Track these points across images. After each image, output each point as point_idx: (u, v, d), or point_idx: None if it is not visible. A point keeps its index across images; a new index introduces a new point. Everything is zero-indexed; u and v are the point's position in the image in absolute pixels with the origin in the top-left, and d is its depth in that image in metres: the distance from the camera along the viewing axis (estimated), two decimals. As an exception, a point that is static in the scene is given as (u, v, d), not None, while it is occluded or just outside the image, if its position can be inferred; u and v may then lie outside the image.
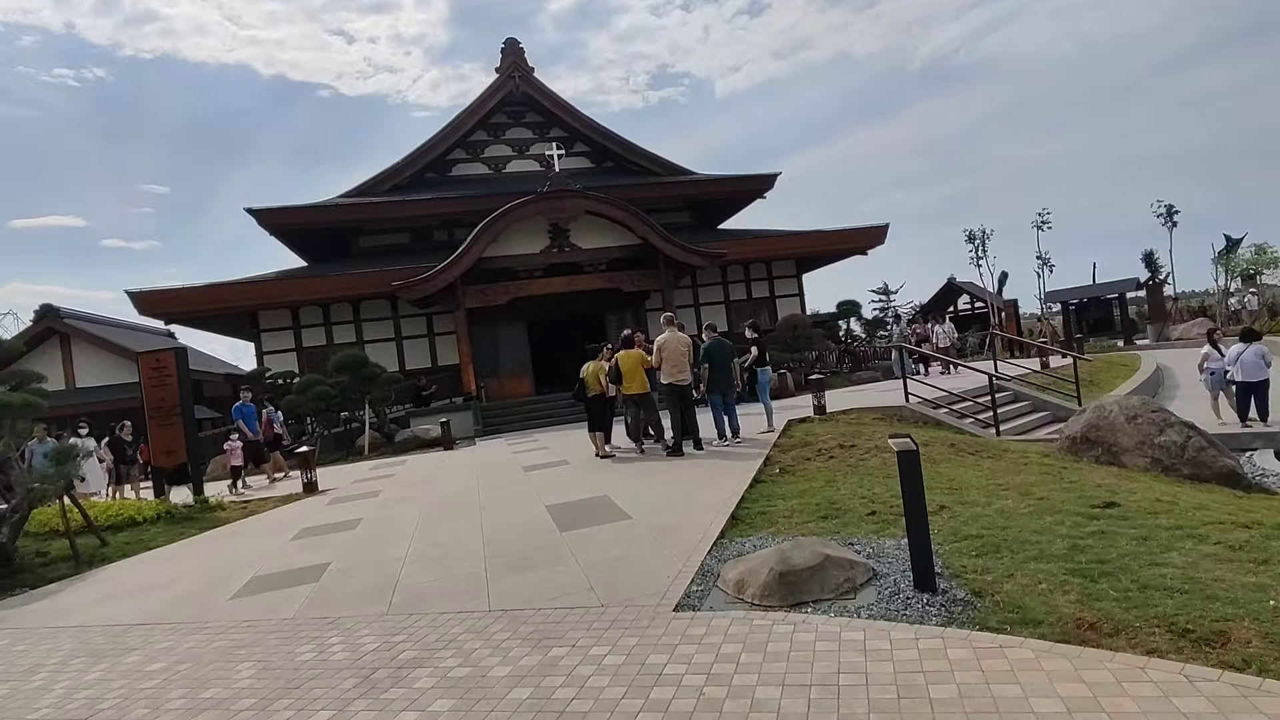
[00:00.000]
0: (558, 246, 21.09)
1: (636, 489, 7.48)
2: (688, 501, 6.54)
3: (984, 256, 29.92)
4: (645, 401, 9.95)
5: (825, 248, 25.74)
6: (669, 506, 6.45)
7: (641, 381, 9.85)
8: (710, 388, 9.80)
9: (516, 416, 18.85)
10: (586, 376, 10.17)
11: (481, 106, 27.09)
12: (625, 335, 10.15)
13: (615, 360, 9.98)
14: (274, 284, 21.75)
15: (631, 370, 9.80)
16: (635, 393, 9.86)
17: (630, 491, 7.35)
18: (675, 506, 6.42)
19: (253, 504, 10.21)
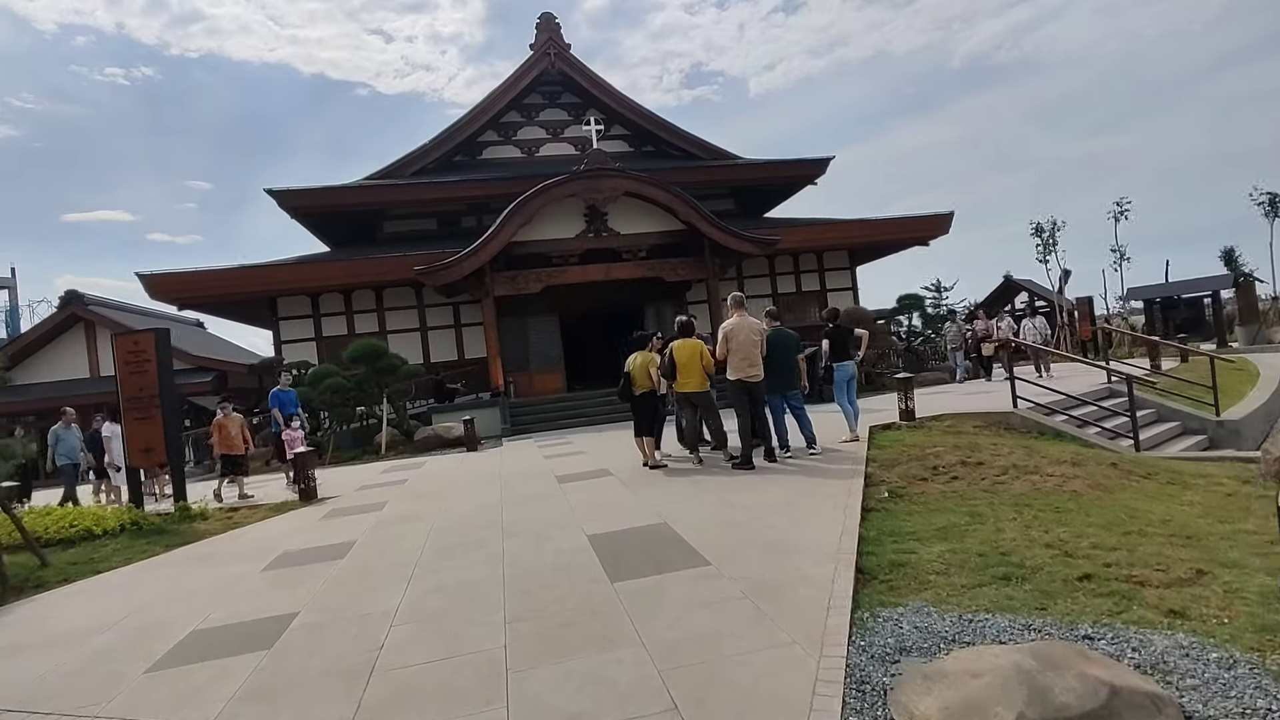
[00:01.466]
0: (594, 231, 19.43)
1: (704, 515, 5.76)
2: (782, 539, 4.80)
3: (1053, 250, 27.59)
4: (704, 401, 8.22)
5: (884, 237, 23.71)
6: (757, 546, 4.71)
7: (700, 377, 8.14)
8: (769, 387, 8.03)
9: (547, 415, 17.25)
10: (633, 370, 8.47)
11: (514, 85, 25.55)
12: (682, 321, 8.43)
13: (669, 351, 8.27)
14: (291, 268, 20.45)
15: (689, 363, 8.08)
16: (693, 391, 8.14)
17: (697, 519, 5.63)
18: (766, 546, 4.68)
19: (239, 513, 8.70)
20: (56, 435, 11.47)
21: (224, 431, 10.49)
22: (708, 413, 8.25)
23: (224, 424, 10.53)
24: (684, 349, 8.14)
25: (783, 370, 8.04)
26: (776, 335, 8.06)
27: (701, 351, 8.14)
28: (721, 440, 8.27)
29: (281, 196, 21.67)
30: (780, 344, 8.03)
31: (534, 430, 16.15)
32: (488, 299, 18.72)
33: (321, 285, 20.86)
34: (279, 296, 21.31)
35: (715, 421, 8.26)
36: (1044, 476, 5.92)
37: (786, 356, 8.09)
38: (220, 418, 10.59)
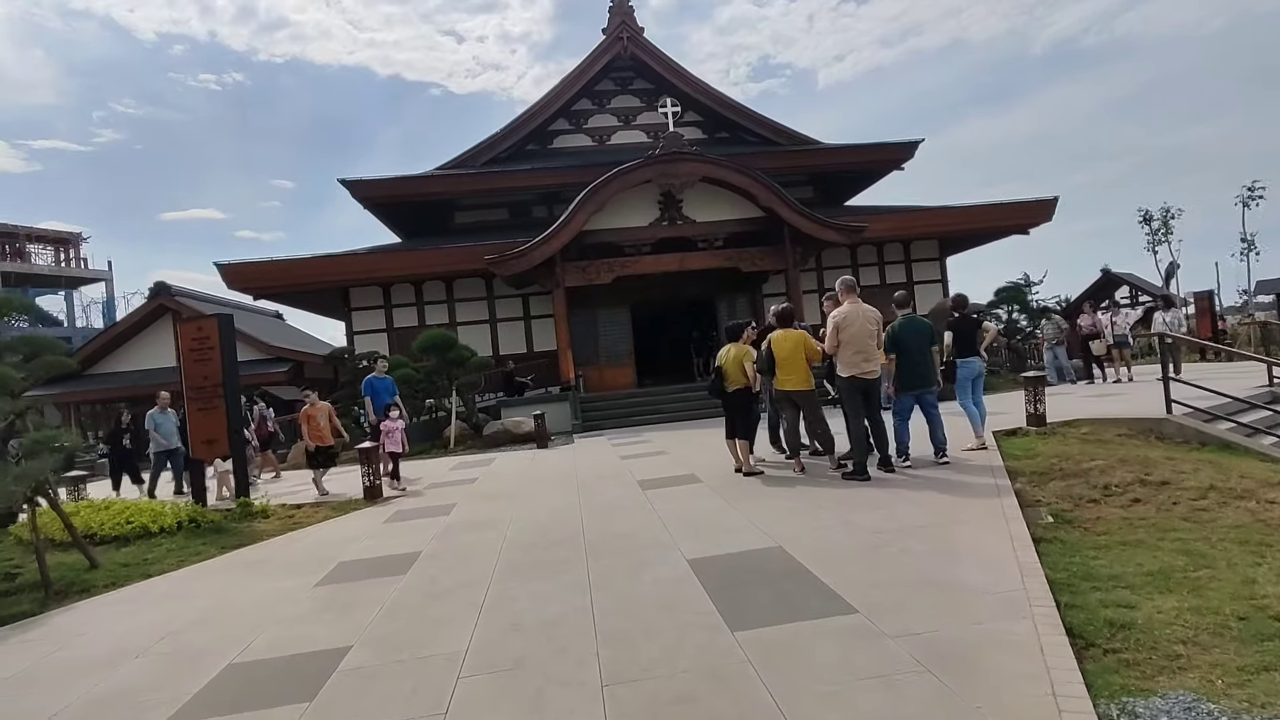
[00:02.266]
0: (668, 219, 18.53)
1: (827, 539, 4.78)
2: (942, 577, 3.79)
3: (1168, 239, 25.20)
4: (807, 400, 7.20)
5: (980, 225, 21.98)
6: (912, 586, 3.72)
7: (803, 373, 7.13)
8: (901, 383, 6.96)
9: (618, 411, 16.47)
10: (726, 364, 7.52)
11: (586, 71, 24.84)
12: (781, 310, 7.42)
13: (768, 343, 7.29)
14: (363, 259, 20.29)
15: (791, 357, 7.09)
16: (795, 388, 7.14)
17: (819, 543, 4.67)
18: (925, 587, 3.69)
19: (301, 512, 8.17)
20: (154, 420, 11.16)
21: (312, 421, 9.80)
22: (812, 414, 7.24)
23: (312, 413, 9.86)
24: (785, 341, 7.15)
25: (916, 365, 6.94)
26: (908, 325, 6.95)
27: (805, 343, 7.13)
28: (829, 445, 7.25)
29: (354, 186, 21.57)
30: (913, 334, 6.93)
31: (605, 427, 15.39)
32: (558, 289, 18.06)
33: (393, 276, 20.65)
34: (351, 287, 21.23)
35: (821, 424, 7.23)
36: (1263, 504, 4.70)
37: (921, 349, 6.98)
38: (308, 407, 9.93)
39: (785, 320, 7.30)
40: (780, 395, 7.31)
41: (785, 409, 7.35)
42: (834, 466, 7.15)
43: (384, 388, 10.92)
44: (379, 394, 10.74)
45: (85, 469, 25.64)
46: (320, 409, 9.99)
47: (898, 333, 6.87)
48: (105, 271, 49.05)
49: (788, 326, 7.27)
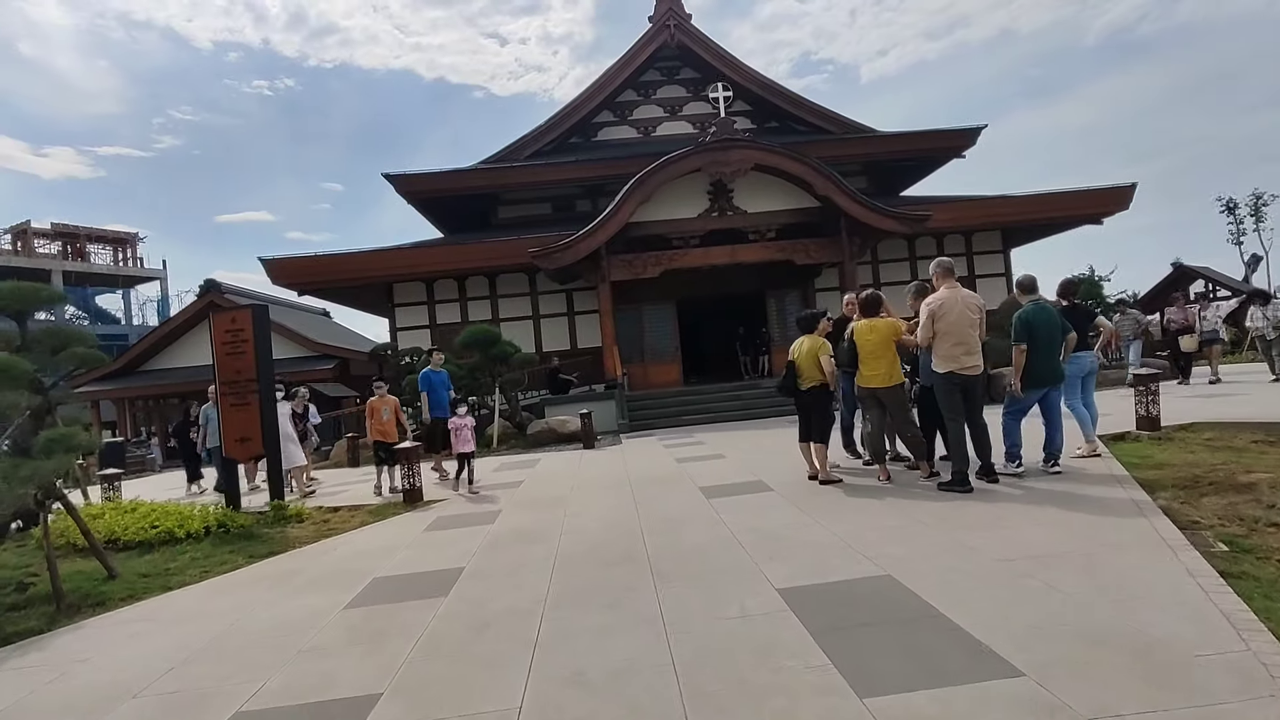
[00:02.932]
0: (718, 209, 17.74)
1: (944, 565, 3.98)
2: (1115, 625, 2.97)
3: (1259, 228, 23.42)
4: (895, 399, 6.36)
5: (1049, 214, 20.65)
6: (1081, 638, 2.90)
7: (892, 368, 6.30)
8: (1029, 379, 6.04)
9: (667, 410, 15.74)
10: (800, 359, 6.72)
11: (631, 61, 24.17)
12: (866, 296, 6.59)
13: (850, 334, 6.48)
14: (407, 253, 19.94)
15: (877, 350, 6.28)
16: (880, 386, 6.31)
17: (936, 573, 3.87)
18: (1095, 638, 2.87)
19: (337, 517, 7.63)
20: (206, 415, 10.88)
21: (375, 415, 9.20)
22: (900, 414, 6.39)
23: (377, 406, 9.29)
24: (870, 331, 6.33)
25: (1048, 357, 6.03)
26: (1040, 312, 6.01)
27: (896, 332, 6.30)
28: (921, 451, 6.40)
29: (398, 181, 21.29)
30: (1046, 322, 6.01)
31: (654, 426, 14.68)
32: (604, 283, 17.42)
33: (436, 270, 20.25)
34: (395, 283, 20.94)
35: (912, 426, 6.39)
36: None
37: (1053, 339, 6.07)
38: (374, 399, 9.36)
39: (870, 308, 6.47)
40: (864, 394, 6.48)
41: (869, 409, 6.52)
42: (926, 475, 6.31)
43: (440, 382, 10.38)
44: (436, 389, 10.17)
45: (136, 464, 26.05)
46: (388, 402, 9.39)
47: (1031, 320, 5.94)
48: (160, 270, 50.21)
49: (873, 315, 6.45)
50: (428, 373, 10.34)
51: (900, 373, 6.36)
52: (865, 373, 6.35)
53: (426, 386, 10.17)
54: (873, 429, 6.47)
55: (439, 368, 10.53)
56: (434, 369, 10.41)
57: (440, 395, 10.17)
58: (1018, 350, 5.97)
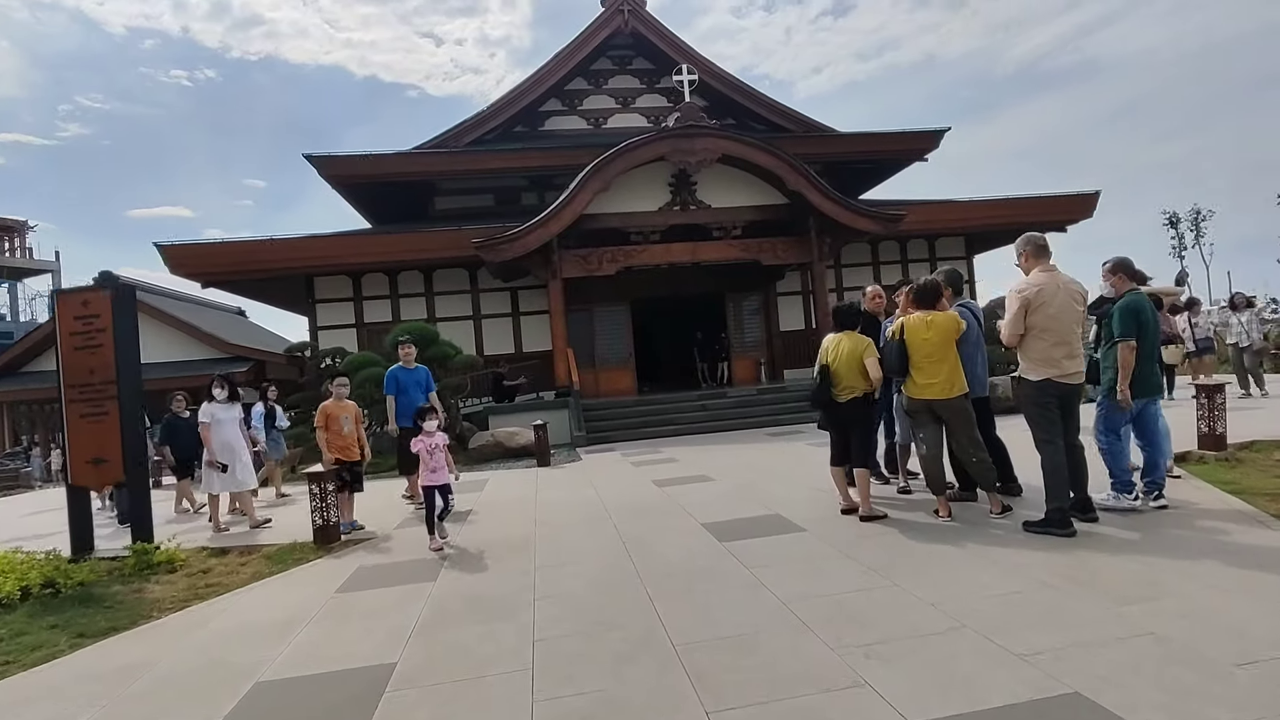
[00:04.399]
0: (680, 203, 16.35)
1: (1149, 673, 2.58)
2: None
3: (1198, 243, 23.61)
4: (960, 413, 4.99)
5: (1014, 219, 19.99)
6: None
7: (953, 373, 4.94)
8: (1137, 387, 4.73)
9: (626, 421, 14.18)
10: (837, 363, 5.28)
11: (582, 47, 22.58)
12: (923, 284, 5.19)
13: (899, 330, 5.09)
14: (329, 242, 17.77)
15: (937, 350, 4.91)
16: (939, 396, 4.94)
17: (1148, 688, 2.46)
18: None
19: (223, 564, 5.76)
20: None
21: (334, 423, 6.77)
22: (964, 431, 5.02)
23: (333, 413, 6.82)
24: (928, 328, 4.95)
25: (1151, 361, 4.77)
26: (1138, 304, 4.72)
27: (958, 332, 4.96)
28: (991, 480, 5.05)
29: (322, 164, 19.07)
30: (1153, 318, 4.74)
31: (613, 439, 13.10)
32: (555, 280, 15.77)
33: (363, 263, 18.13)
34: (316, 276, 18.70)
35: (979, 449, 5.03)
36: None
37: (1155, 338, 4.82)
38: (330, 404, 6.90)
39: (927, 298, 5.09)
40: (917, 407, 5.08)
41: (923, 427, 5.12)
42: (997, 511, 4.96)
43: (414, 382, 8.10)
44: (408, 391, 7.99)
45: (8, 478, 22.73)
46: (348, 409, 6.96)
47: (1141, 309, 4.64)
48: (52, 263, 45.58)
49: (929, 307, 5.07)
50: (396, 370, 8.15)
51: (964, 380, 5.00)
52: (920, 380, 4.97)
53: (394, 388, 8.04)
54: (929, 451, 5.07)
55: (413, 363, 8.32)
56: (405, 366, 8.20)
57: (415, 399, 7.86)
58: (1127, 347, 4.67)
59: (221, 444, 7.36)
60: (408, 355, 8.28)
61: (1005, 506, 4.99)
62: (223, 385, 7.66)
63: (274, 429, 9.98)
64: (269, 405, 10.06)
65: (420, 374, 8.25)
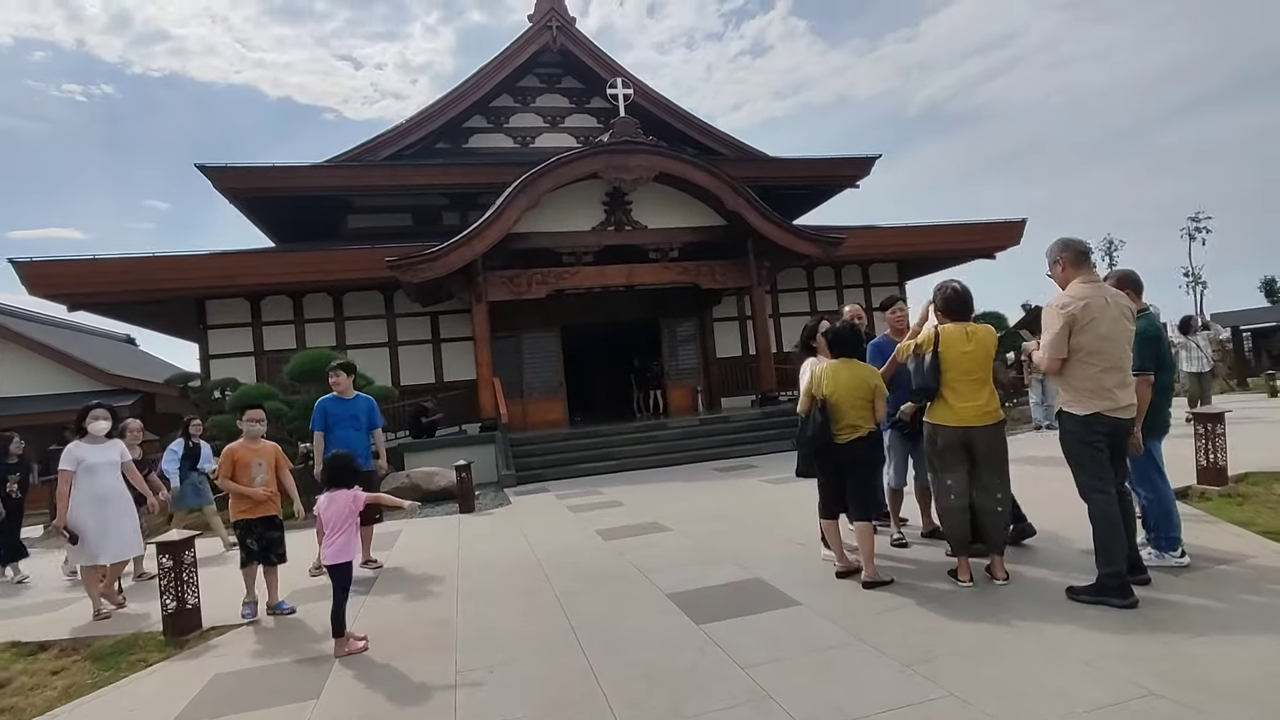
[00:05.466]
0: (615, 223, 15.44)
1: None
2: None
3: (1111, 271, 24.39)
4: (997, 445, 4.12)
5: (945, 246, 20.16)
6: None
7: (992, 396, 4.11)
8: (1149, 426, 4.03)
9: (559, 457, 12.97)
10: (836, 394, 4.33)
11: (508, 63, 21.59)
12: (951, 290, 4.32)
13: (932, 339, 4.18)
14: (224, 260, 15.93)
15: (976, 368, 4.07)
16: (980, 423, 4.07)
17: None
18: None
19: (31, 672, 4.28)
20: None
21: (242, 473, 5.04)
22: (1002, 468, 4.15)
23: (244, 458, 5.06)
24: (968, 340, 4.10)
25: (1165, 393, 4.06)
26: (1154, 329, 4.04)
27: (991, 346, 4.14)
28: (1004, 536, 4.18)
29: (218, 175, 17.23)
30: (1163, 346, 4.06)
31: (546, 477, 11.87)
32: (479, 304, 14.52)
33: (264, 284, 16.34)
34: (208, 299, 16.78)
35: (1007, 490, 4.17)
36: None
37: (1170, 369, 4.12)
38: (239, 445, 5.12)
39: (957, 309, 4.22)
40: (950, 438, 4.15)
41: (949, 464, 4.18)
42: (1002, 578, 4.10)
43: (347, 416, 6.41)
44: (342, 425, 6.35)
45: None
46: (263, 451, 5.17)
47: (1163, 340, 3.96)
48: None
49: (962, 319, 4.21)
50: (328, 402, 6.52)
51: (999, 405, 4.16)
52: (957, 404, 4.07)
53: (323, 423, 6.43)
54: (955, 496, 4.17)
55: (347, 393, 6.61)
56: (340, 395, 6.56)
57: (348, 439, 6.25)
58: (1145, 383, 3.95)
59: (92, 498, 5.40)
60: (340, 384, 6.61)
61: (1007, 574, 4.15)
62: (104, 418, 5.73)
63: (195, 471, 8.34)
64: (191, 443, 8.40)
65: (359, 406, 6.59)
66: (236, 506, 5.04)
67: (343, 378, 6.62)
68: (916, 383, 4.13)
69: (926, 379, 4.07)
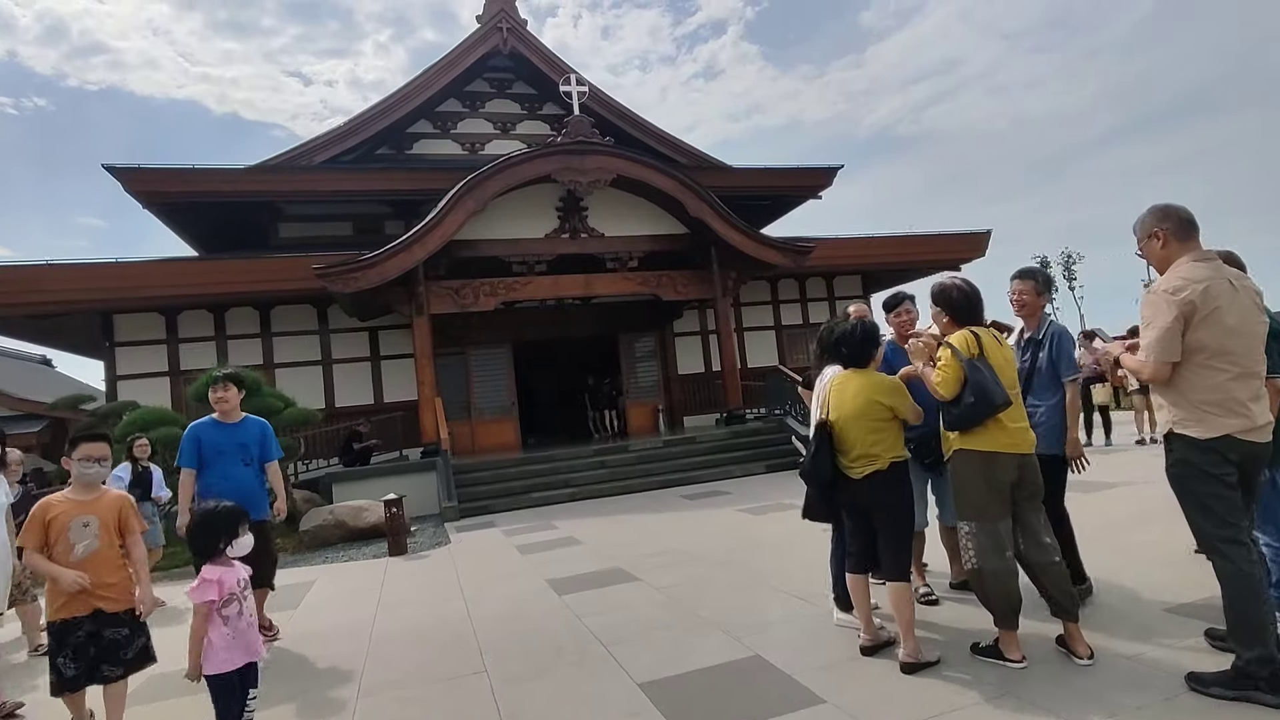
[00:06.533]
0: (570, 230, 14.36)
1: None
2: None
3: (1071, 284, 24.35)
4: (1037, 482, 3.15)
5: (910, 258, 19.59)
6: None
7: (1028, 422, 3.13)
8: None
9: (509, 485, 11.68)
10: (844, 416, 3.29)
11: (455, 65, 20.43)
12: (958, 292, 3.34)
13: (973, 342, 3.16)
14: (136, 269, 14.24)
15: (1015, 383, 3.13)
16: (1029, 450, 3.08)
17: None
18: None
19: None
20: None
21: (57, 540, 3.31)
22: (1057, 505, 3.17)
23: (58, 516, 3.33)
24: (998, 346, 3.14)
25: None
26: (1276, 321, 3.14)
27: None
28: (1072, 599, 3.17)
29: (129, 178, 15.60)
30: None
31: (494, 509, 10.61)
32: (421, 317, 13.23)
33: (181, 297, 14.71)
34: (117, 313, 15.08)
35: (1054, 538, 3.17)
36: None
37: None
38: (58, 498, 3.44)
39: (968, 312, 3.25)
40: (1003, 471, 3.13)
41: (996, 508, 3.16)
42: (1086, 656, 3.08)
43: (232, 445, 4.84)
44: (220, 460, 4.79)
45: None
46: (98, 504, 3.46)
47: None
48: None
49: (975, 323, 3.24)
50: (202, 428, 4.90)
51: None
52: (1011, 424, 3.07)
53: (195, 458, 4.79)
54: (1008, 552, 3.12)
55: (233, 414, 4.96)
56: (222, 416, 4.95)
57: (233, 475, 4.76)
58: (1276, 390, 3.03)
59: None
60: (225, 402, 4.90)
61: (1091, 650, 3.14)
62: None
63: (149, 501, 6.89)
64: (140, 467, 7.01)
65: (247, 432, 4.93)
66: (51, 599, 3.36)
67: (231, 393, 4.96)
68: (984, 396, 3.07)
69: (997, 392, 3.03)
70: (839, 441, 3.36)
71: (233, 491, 4.26)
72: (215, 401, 4.94)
